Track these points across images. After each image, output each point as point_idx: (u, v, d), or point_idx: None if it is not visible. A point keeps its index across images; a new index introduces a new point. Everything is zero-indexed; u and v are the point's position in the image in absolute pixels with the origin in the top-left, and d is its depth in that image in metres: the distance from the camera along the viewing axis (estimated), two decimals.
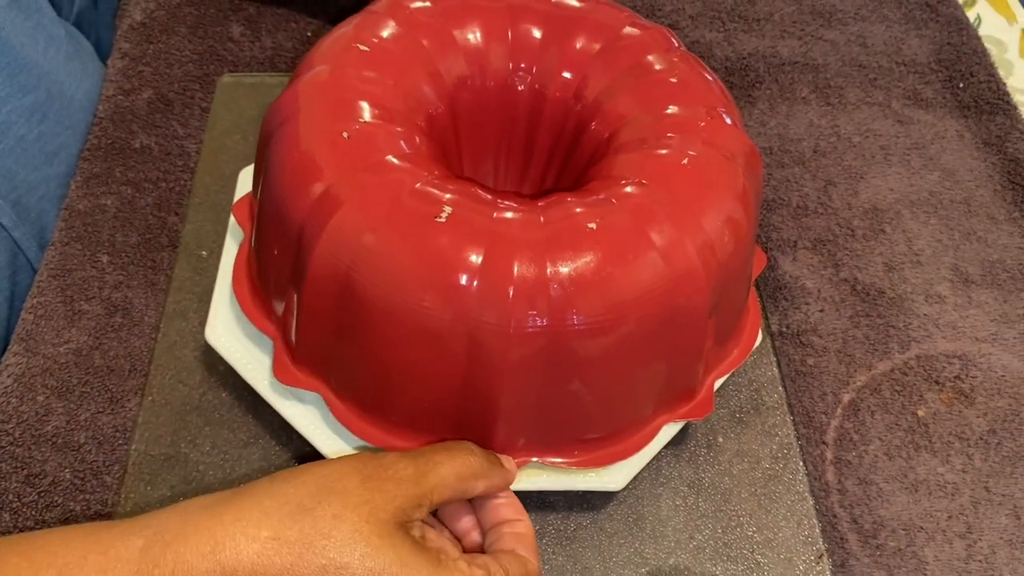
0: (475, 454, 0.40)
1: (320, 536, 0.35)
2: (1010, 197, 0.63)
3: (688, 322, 0.42)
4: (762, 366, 0.54)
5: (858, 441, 0.51)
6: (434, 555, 0.36)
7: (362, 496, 0.36)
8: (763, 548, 0.47)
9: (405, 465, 0.38)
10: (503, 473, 0.42)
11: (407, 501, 0.37)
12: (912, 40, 0.73)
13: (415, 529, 0.38)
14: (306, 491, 0.36)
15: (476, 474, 0.40)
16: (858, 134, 0.66)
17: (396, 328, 0.39)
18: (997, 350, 0.55)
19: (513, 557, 0.39)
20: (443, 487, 0.38)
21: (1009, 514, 0.49)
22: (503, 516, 0.42)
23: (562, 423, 0.43)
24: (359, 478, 0.36)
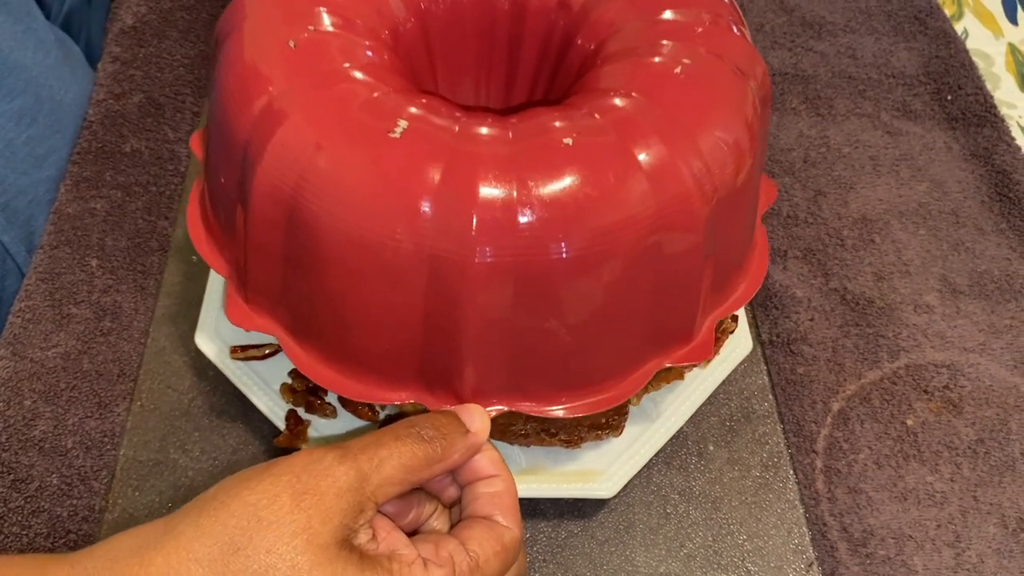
0: (424, 439, 0.35)
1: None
2: (997, 208, 0.63)
3: (680, 256, 0.37)
4: (752, 375, 0.54)
5: (848, 450, 0.51)
6: (384, 567, 0.33)
7: (297, 521, 0.32)
8: (753, 556, 0.47)
9: (345, 471, 0.33)
10: (466, 442, 0.37)
11: (348, 514, 0.33)
12: (901, 52, 0.74)
13: (360, 536, 0.34)
14: (235, 525, 0.32)
15: (428, 461, 0.35)
16: (848, 145, 0.67)
17: (347, 258, 0.35)
18: (985, 360, 0.55)
19: (486, 532, 0.36)
20: (388, 486, 0.34)
21: (997, 523, 0.49)
22: (477, 472, 0.38)
23: (539, 367, 0.39)
24: (291, 497, 0.33)
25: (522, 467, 0.47)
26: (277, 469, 0.33)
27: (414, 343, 0.37)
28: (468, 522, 0.36)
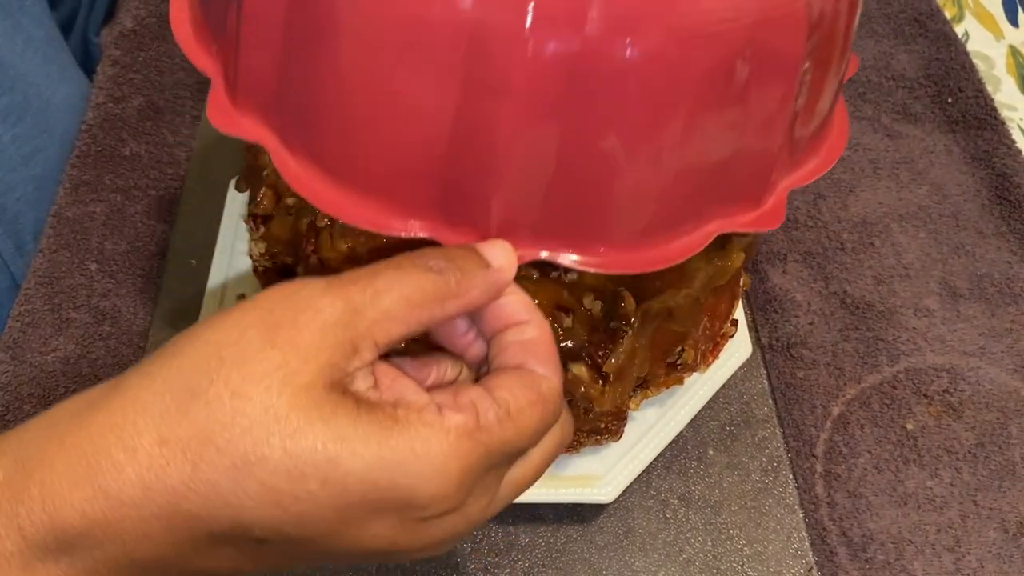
0: (433, 270, 0.29)
1: (220, 428, 0.25)
2: (998, 212, 0.63)
3: (771, 82, 0.32)
4: (752, 379, 0.54)
5: (847, 454, 0.51)
6: (387, 413, 0.27)
7: (270, 359, 0.26)
8: (753, 561, 0.47)
9: (329, 301, 0.27)
10: (487, 277, 0.30)
11: (336, 353, 0.27)
12: (901, 55, 0.73)
13: (358, 382, 0.27)
14: (192, 368, 0.26)
15: (437, 295, 0.29)
16: (848, 147, 0.67)
17: (365, 28, 0.29)
18: (985, 364, 0.55)
19: (517, 380, 0.29)
20: (388, 322, 0.28)
21: (997, 528, 0.49)
22: (505, 318, 0.31)
23: (585, 204, 0.32)
24: (263, 331, 0.27)
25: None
26: (245, 305, 0.28)
27: (436, 153, 0.30)
28: (495, 372, 0.30)
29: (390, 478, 0.26)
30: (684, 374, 0.47)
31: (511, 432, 0.28)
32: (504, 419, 0.28)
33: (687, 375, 0.48)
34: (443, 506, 0.27)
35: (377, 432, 0.26)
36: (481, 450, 0.27)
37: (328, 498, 0.26)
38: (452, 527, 0.28)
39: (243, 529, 0.26)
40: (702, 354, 0.48)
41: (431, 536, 0.28)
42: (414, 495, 0.26)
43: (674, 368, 0.46)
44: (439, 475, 0.26)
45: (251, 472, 0.25)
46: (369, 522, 0.27)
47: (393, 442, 0.26)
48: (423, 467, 0.26)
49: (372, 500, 0.26)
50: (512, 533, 0.47)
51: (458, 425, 0.27)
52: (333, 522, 0.26)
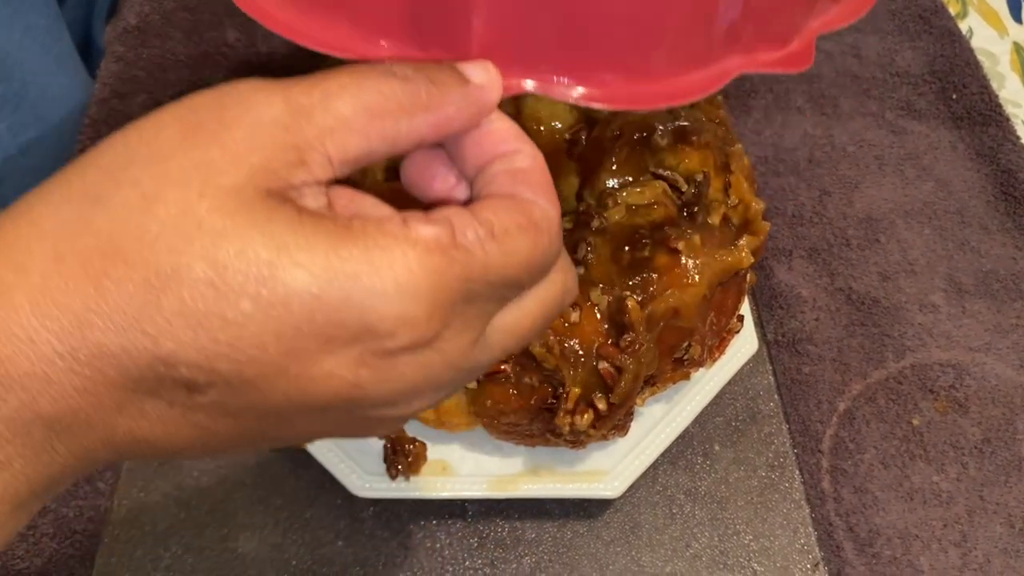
0: (397, 75, 0.24)
1: (128, 237, 0.21)
2: (1003, 208, 0.63)
3: None
4: (758, 374, 0.54)
5: (854, 450, 0.51)
6: (338, 223, 0.22)
7: (190, 157, 0.21)
8: (759, 556, 0.47)
9: (265, 98, 0.22)
10: (465, 93, 0.25)
11: (275, 155, 0.22)
12: (906, 51, 0.73)
13: (306, 198, 0.22)
14: (96, 172, 0.22)
15: (403, 106, 0.23)
16: (852, 144, 0.67)
17: None
18: (991, 359, 0.55)
19: (504, 203, 0.24)
20: (344, 131, 0.23)
21: (1004, 523, 0.49)
22: (491, 148, 0.26)
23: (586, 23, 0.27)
24: (183, 130, 0.22)
25: (528, 468, 0.47)
26: (164, 107, 0.23)
27: None
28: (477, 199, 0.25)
29: (342, 294, 0.21)
30: (691, 369, 0.47)
31: (495, 255, 0.23)
32: (487, 239, 0.23)
33: (694, 370, 0.48)
34: (413, 334, 0.22)
35: (324, 240, 0.21)
36: (457, 270, 0.22)
37: (265, 320, 0.21)
38: (427, 368, 0.23)
39: (166, 367, 0.21)
40: (709, 349, 0.48)
41: (402, 377, 0.23)
42: (374, 317, 0.21)
43: (681, 364, 0.46)
44: (405, 294, 0.21)
45: (167, 288, 0.20)
46: (321, 356, 0.22)
47: (344, 252, 0.21)
48: (384, 282, 0.21)
49: (321, 324, 0.21)
50: (518, 528, 0.47)
51: (428, 238, 0.22)
52: (275, 354, 0.21)
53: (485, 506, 0.48)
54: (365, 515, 0.47)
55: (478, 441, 0.47)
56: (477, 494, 0.46)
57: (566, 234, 0.45)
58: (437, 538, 0.47)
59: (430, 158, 0.27)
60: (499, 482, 0.46)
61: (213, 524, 0.46)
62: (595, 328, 0.43)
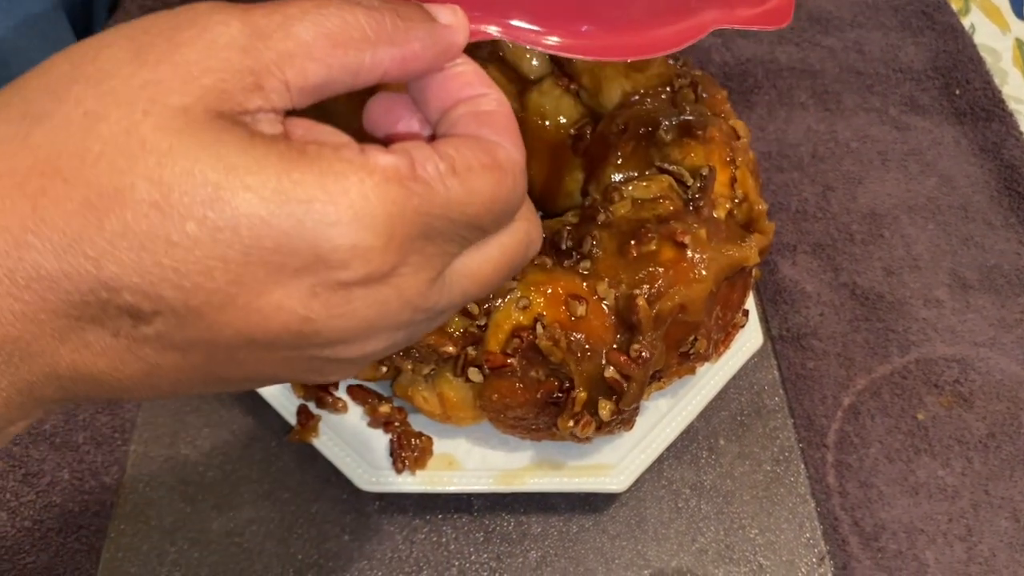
0: (362, 4, 0.23)
1: (67, 155, 0.20)
2: (1006, 203, 0.63)
3: None
4: (763, 369, 0.54)
5: (859, 444, 0.51)
6: (292, 147, 0.21)
7: (136, 75, 0.20)
8: (765, 550, 0.47)
9: (222, 19, 0.21)
10: (432, 31, 0.24)
11: (230, 78, 0.21)
12: (909, 47, 0.73)
13: (261, 123, 0.21)
14: (38, 88, 0.21)
15: (366, 37, 0.22)
16: (856, 140, 0.67)
17: None
18: (995, 354, 0.55)
19: (467, 142, 0.24)
20: (303, 57, 0.22)
21: (1009, 517, 0.49)
22: (456, 91, 0.25)
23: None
24: (131, 50, 0.21)
25: (534, 462, 0.47)
26: (120, 24, 0.22)
27: None
28: (440, 137, 0.25)
29: (293, 220, 0.20)
30: (696, 364, 0.47)
31: (457, 191, 0.22)
32: (448, 174, 0.22)
33: (699, 365, 0.48)
34: (368, 266, 0.21)
35: (276, 163, 0.20)
36: (415, 202, 0.21)
37: (212, 244, 0.20)
38: (382, 304, 0.22)
39: (109, 292, 0.20)
40: (714, 344, 0.48)
41: (356, 313, 0.22)
42: (327, 246, 0.20)
43: (687, 358, 0.46)
44: (360, 223, 0.21)
45: (109, 209, 0.19)
46: (271, 285, 0.21)
47: (297, 175, 0.20)
48: (338, 209, 0.20)
49: (271, 250, 0.20)
50: (524, 523, 0.47)
51: (386, 167, 0.21)
52: (222, 281, 0.20)
53: (491, 500, 0.48)
54: (371, 509, 0.47)
55: (484, 435, 0.47)
56: (483, 488, 0.46)
57: (572, 228, 0.45)
58: (443, 532, 0.47)
59: (393, 100, 0.26)
60: (505, 476, 0.46)
61: (219, 518, 0.46)
62: (602, 323, 0.43)
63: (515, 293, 0.42)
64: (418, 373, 0.45)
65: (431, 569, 0.46)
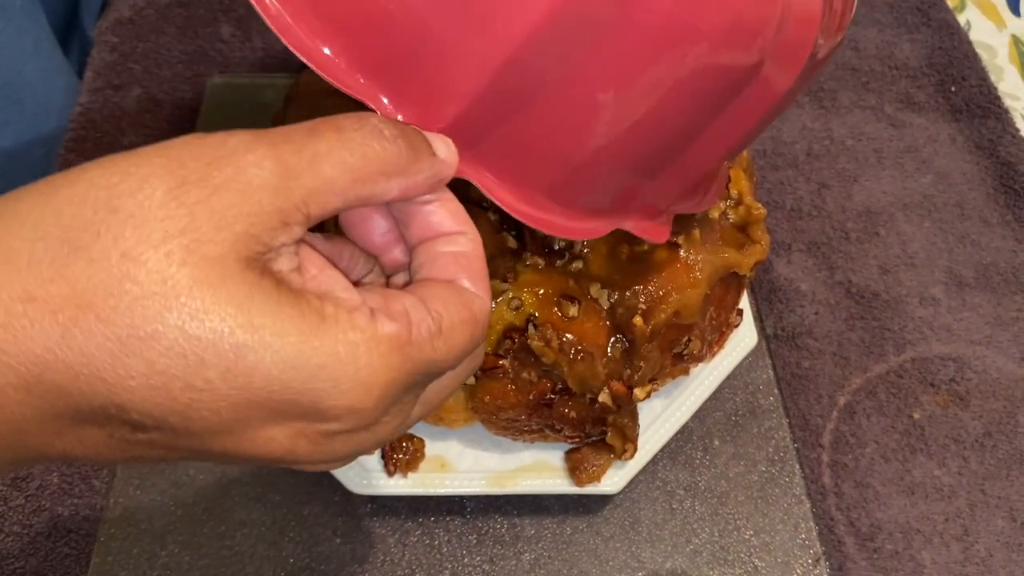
0: (385, 137, 0.25)
1: (104, 293, 0.21)
2: (1003, 200, 0.63)
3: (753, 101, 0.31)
4: (757, 369, 0.53)
5: (854, 444, 0.51)
6: (313, 306, 0.23)
7: (174, 219, 0.21)
8: (760, 551, 0.47)
9: (256, 160, 0.22)
10: (433, 164, 0.26)
11: (260, 221, 0.22)
12: (904, 44, 0.73)
13: (281, 261, 0.23)
14: (74, 212, 0.21)
15: (384, 168, 0.25)
16: (851, 137, 0.66)
17: None
18: (991, 352, 0.55)
19: (451, 295, 0.26)
20: (327, 193, 0.23)
21: (1006, 516, 0.49)
22: (434, 226, 0.27)
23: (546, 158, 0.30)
24: (169, 185, 0.22)
25: (527, 463, 0.46)
26: (149, 150, 0.23)
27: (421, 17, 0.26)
28: (425, 283, 0.27)
29: (304, 381, 0.22)
30: (691, 364, 0.47)
31: (441, 351, 0.25)
32: (436, 336, 0.25)
33: (693, 365, 0.47)
34: (355, 422, 0.24)
35: (298, 327, 0.22)
36: (409, 366, 0.24)
37: (227, 391, 0.22)
38: (358, 444, 0.25)
39: (118, 410, 0.22)
40: (708, 344, 0.48)
41: (333, 452, 0.25)
42: (328, 404, 0.23)
43: (680, 359, 0.46)
44: (361, 388, 0.23)
45: (137, 349, 0.21)
46: (268, 425, 0.23)
47: (316, 343, 0.22)
48: (346, 376, 0.23)
49: (278, 401, 0.22)
50: (518, 525, 0.47)
51: (391, 336, 0.23)
52: (227, 419, 0.22)
53: (484, 502, 0.47)
54: (363, 512, 0.47)
55: (476, 437, 0.46)
56: (476, 490, 0.45)
57: None
58: (435, 535, 0.46)
59: (378, 212, 0.28)
60: (498, 478, 0.45)
61: (210, 522, 0.46)
62: (595, 324, 0.42)
63: (507, 294, 0.42)
64: None
65: (423, 572, 0.45)
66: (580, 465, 0.45)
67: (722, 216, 0.48)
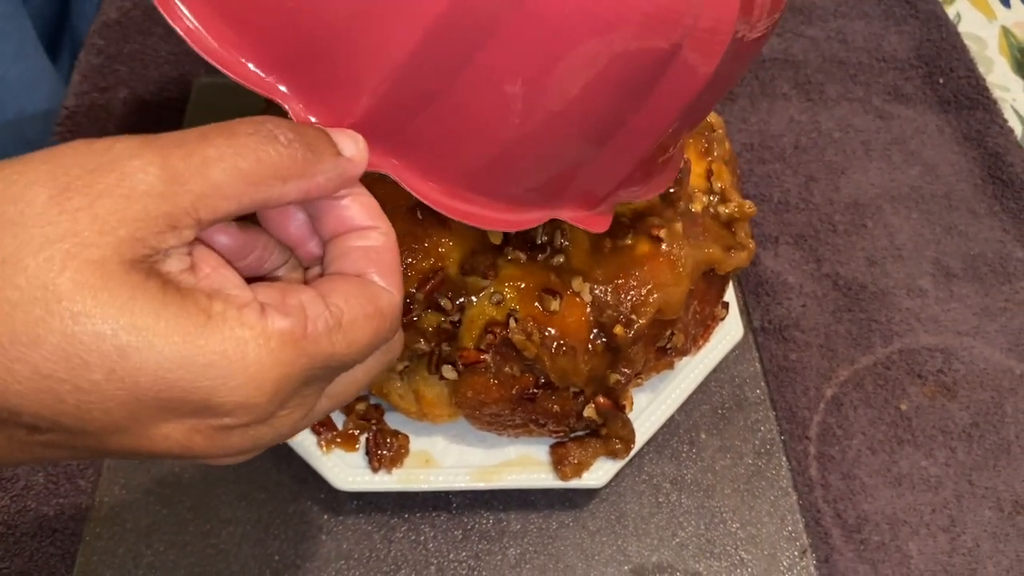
0: (279, 141, 0.25)
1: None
2: (990, 191, 0.63)
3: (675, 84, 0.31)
4: (744, 361, 0.53)
5: (841, 436, 0.51)
6: (200, 305, 0.23)
7: (55, 224, 0.21)
8: (747, 544, 0.47)
9: (143, 166, 0.22)
10: (337, 164, 0.26)
11: (146, 226, 0.22)
12: (892, 36, 0.73)
13: (170, 263, 0.23)
14: None
15: (280, 172, 0.25)
16: (839, 130, 0.66)
17: None
18: (979, 343, 0.55)
19: (355, 288, 0.26)
20: (217, 197, 0.23)
21: (993, 507, 0.49)
22: (347, 221, 0.28)
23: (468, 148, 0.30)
24: (52, 191, 0.22)
25: (512, 458, 0.46)
26: (36, 156, 0.23)
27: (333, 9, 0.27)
28: (332, 277, 0.27)
29: (191, 380, 0.22)
30: (675, 358, 0.47)
31: (340, 345, 0.25)
32: (335, 329, 0.25)
33: (678, 359, 0.47)
34: (249, 416, 0.24)
35: (183, 326, 0.22)
36: (304, 361, 0.24)
37: (115, 392, 0.22)
38: (256, 438, 0.25)
39: (10, 414, 0.22)
40: (692, 338, 0.48)
41: (231, 446, 0.25)
42: (217, 401, 0.23)
43: (664, 353, 0.46)
44: (251, 384, 0.23)
45: (22, 355, 0.21)
46: (162, 422, 0.23)
47: (202, 341, 0.22)
48: (233, 373, 0.23)
49: (166, 399, 0.23)
50: (503, 520, 0.47)
51: (282, 331, 0.24)
52: (119, 418, 0.23)
53: (469, 498, 0.47)
54: (348, 509, 0.47)
55: (461, 432, 0.46)
56: (461, 485, 0.45)
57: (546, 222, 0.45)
58: (421, 531, 0.46)
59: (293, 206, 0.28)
60: (483, 473, 0.45)
61: (195, 520, 0.46)
62: (577, 318, 0.42)
63: (488, 288, 0.42)
64: (393, 370, 0.44)
65: (409, 568, 0.45)
66: (565, 459, 0.45)
67: (705, 210, 0.48)
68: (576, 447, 0.46)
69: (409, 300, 0.41)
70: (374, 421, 0.46)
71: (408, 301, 0.41)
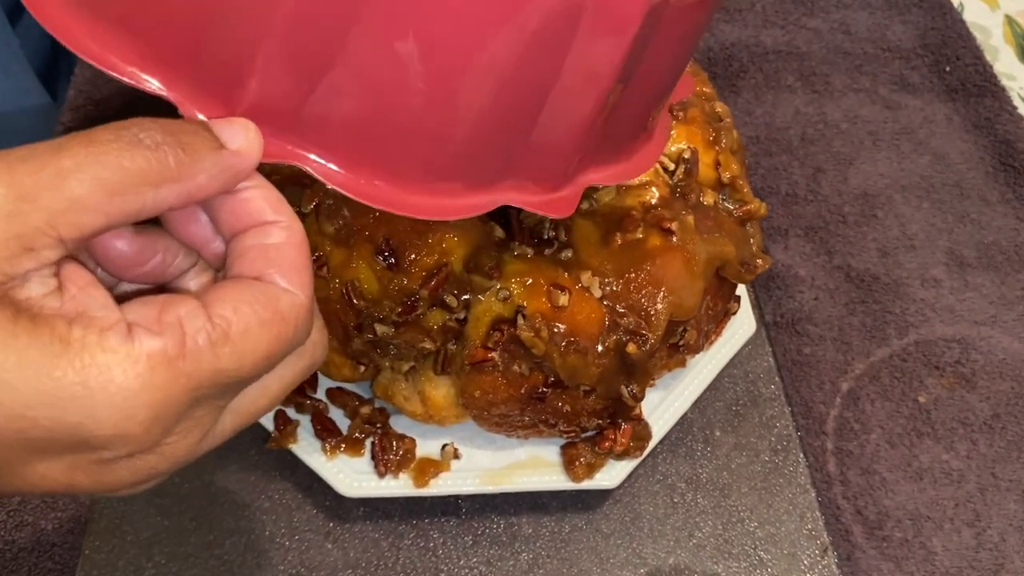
0: (144, 144, 0.23)
1: None
2: (1002, 179, 0.62)
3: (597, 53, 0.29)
4: (757, 356, 0.52)
5: (859, 430, 0.49)
6: (57, 333, 0.21)
7: None
8: (766, 543, 0.45)
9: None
10: (219, 160, 0.24)
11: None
12: (896, 26, 0.72)
13: (30, 287, 0.22)
14: None
15: (149, 178, 0.22)
16: (846, 120, 0.65)
17: None
18: (997, 333, 0.54)
19: (249, 294, 0.24)
20: (77, 212, 0.21)
21: (1018, 500, 0.47)
22: (245, 217, 0.25)
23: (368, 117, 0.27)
24: None
25: (522, 460, 0.45)
26: None
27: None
28: (223, 283, 0.25)
29: (54, 416, 0.21)
30: (687, 355, 0.46)
31: (228, 359, 0.23)
32: (219, 343, 0.23)
33: (690, 356, 0.46)
34: (129, 447, 0.22)
35: (38, 358, 0.20)
36: (183, 382, 0.22)
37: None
38: (148, 468, 0.23)
39: None
40: (705, 334, 0.46)
41: (119, 478, 0.23)
42: (87, 435, 0.21)
43: (677, 350, 0.45)
44: (120, 414, 0.21)
45: None
46: (36, 462, 0.22)
47: (58, 373, 0.21)
48: (99, 404, 0.21)
49: (33, 439, 0.21)
50: (515, 524, 0.45)
51: (152, 352, 0.22)
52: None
53: (479, 502, 0.46)
54: (355, 516, 0.45)
55: (469, 434, 0.45)
56: (470, 489, 0.44)
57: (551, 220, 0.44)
58: (430, 537, 0.45)
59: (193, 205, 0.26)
60: (492, 475, 0.44)
61: (198, 531, 0.45)
62: (587, 314, 0.41)
63: (495, 285, 0.41)
64: (398, 371, 0.43)
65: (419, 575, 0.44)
66: (577, 460, 0.44)
67: (716, 202, 0.47)
68: (588, 447, 0.45)
69: (414, 297, 0.40)
70: (379, 425, 0.45)
71: (413, 298, 0.40)
